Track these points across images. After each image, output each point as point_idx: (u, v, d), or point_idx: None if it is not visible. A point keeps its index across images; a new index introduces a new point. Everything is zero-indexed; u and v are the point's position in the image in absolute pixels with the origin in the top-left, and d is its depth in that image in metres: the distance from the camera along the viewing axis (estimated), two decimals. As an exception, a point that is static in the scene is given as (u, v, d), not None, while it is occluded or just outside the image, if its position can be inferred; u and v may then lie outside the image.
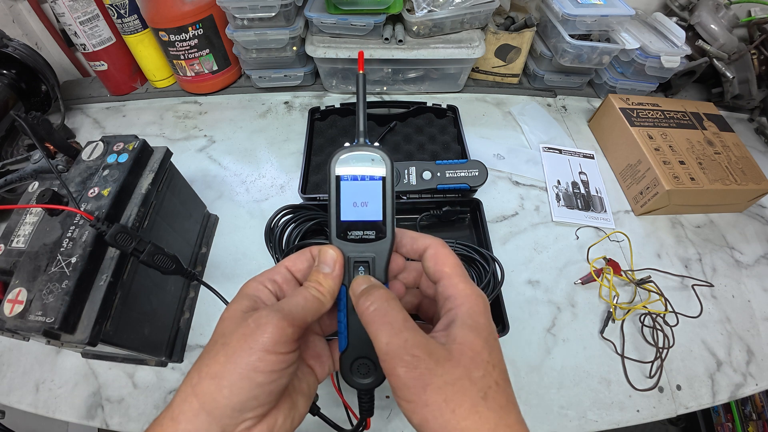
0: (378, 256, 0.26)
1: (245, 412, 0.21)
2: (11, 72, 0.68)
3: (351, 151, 0.26)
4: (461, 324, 0.22)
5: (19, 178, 0.45)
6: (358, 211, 0.26)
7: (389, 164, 0.26)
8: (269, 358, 0.21)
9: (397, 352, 0.21)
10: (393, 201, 0.26)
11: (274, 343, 0.21)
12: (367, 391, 0.27)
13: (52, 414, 0.46)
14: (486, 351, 0.21)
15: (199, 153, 0.72)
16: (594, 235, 0.63)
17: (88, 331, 0.35)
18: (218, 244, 0.60)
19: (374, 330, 0.22)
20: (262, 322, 0.21)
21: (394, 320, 0.22)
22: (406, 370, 0.20)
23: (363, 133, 0.27)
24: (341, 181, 0.26)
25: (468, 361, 0.21)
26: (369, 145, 0.27)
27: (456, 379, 0.20)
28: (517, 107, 0.82)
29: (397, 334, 0.21)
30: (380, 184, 0.26)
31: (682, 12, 0.82)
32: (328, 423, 0.35)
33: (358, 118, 0.28)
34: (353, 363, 0.26)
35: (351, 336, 0.26)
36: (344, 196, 0.26)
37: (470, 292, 0.23)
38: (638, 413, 0.48)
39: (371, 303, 0.23)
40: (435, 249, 0.26)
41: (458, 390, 0.20)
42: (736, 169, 0.65)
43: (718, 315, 0.57)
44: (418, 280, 0.29)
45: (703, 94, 0.90)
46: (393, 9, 0.69)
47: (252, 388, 0.20)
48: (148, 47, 0.76)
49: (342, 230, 0.26)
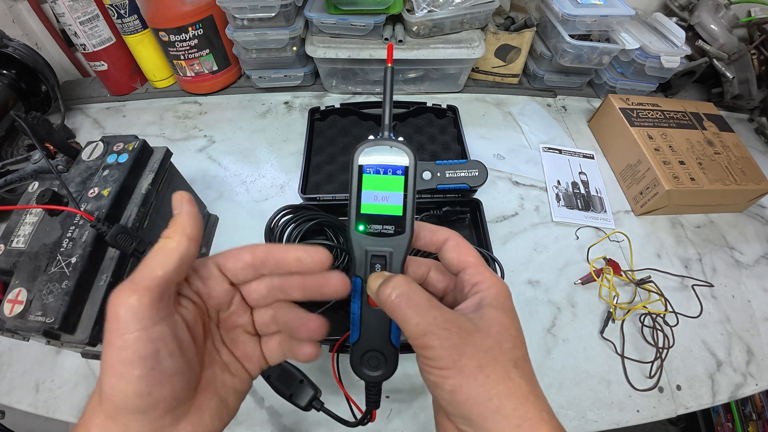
0: (396, 251, 0.26)
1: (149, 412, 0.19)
2: (11, 72, 0.68)
3: (376, 144, 0.26)
4: (488, 304, 0.23)
5: (19, 178, 0.45)
6: (379, 205, 0.26)
7: (413, 160, 0.26)
8: (128, 342, 0.18)
9: (429, 328, 0.21)
10: (414, 197, 0.26)
11: (126, 323, 0.18)
12: (375, 384, 0.27)
13: (51, 414, 0.46)
14: (513, 328, 0.22)
15: (199, 153, 0.72)
16: (594, 235, 0.63)
17: (87, 331, 0.35)
18: (218, 244, 0.60)
19: (401, 314, 0.22)
20: (112, 303, 0.19)
21: (419, 302, 0.22)
22: (441, 341, 0.21)
23: (388, 127, 0.27)
24: (364, 172, 0.26)
25: (497, 334, 0.22)
26: (394, 140, 0.26)
27: (488, 348, 0.21)
28: (517, 107, 0.82)
29: (425, 313, 0.21)
30: (403, 179, 0.26)
31: (682, 12, 0.82)
32: (333, 417, 0.35)
33: (384, 111, 0.27)
34: (364, 355, 0.26)
35: (363, 328, 0.26)
36: (366, 189, 0.26)
37: (497, 280, 0.24)
38: (638, 413, 0.48)
39: (392, 290, 0.23)
40: (456, 240, 0.26)
41: (490, 358, 0.21)
42: (736, 169, 0.65)
43: (718, 315, 0.57)
44: (425, 276, 0.29)
45: (703, 94, 0.90)
46: (393, 9, 0.69)
47: (136, 384, 0.18)
48: (148, 47, 0.76)
49: (361, 222, 0.26)
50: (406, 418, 0.46)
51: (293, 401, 0.35)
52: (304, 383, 0.35)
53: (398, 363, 0.26)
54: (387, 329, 0.26)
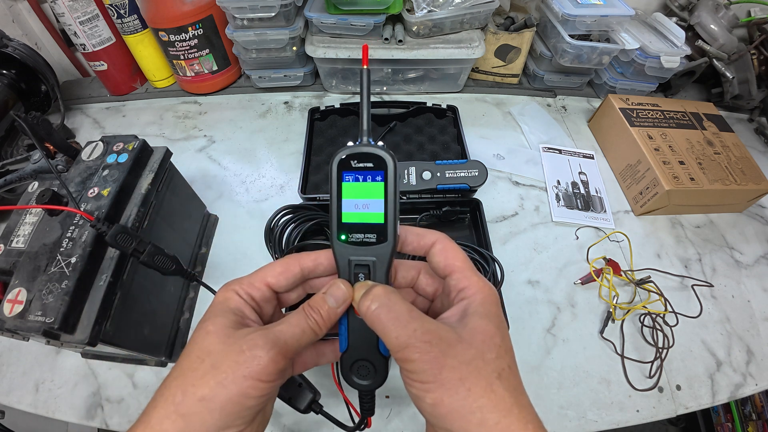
0: (379, 260, 0.25)
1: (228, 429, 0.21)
2: (11, 72, 0.68)
3: (354, 150, 0.25)
4: (474, 312, 0.22)
5: (19, 178, 0.45)
6: (360, 213, 0.25)
7: (393, 165, 0.25)
8: (260, 385, 0.21)
9: (409, 342, 0.21)
10: (396, 204, 0.25)
11: (268, 373, 0.21)
12: (368, 392, 0.27)
13: (51, 414, 0.46)
14: (498, 336, 0.22)
15: (199, 153, 0.72)
16: (594, 235, 0.63)
17: (87, 331, 0.35)
18: (218, 244, 0.60)
19: (381, 328, 0.22)
20: (257, 354, 0.21)
21: (398, 314, 0.22)
22: (420, 355, 0.20)
23: (367, 132, 0.26)
24: (343, 181, 0.25)
25: (480, 344, 0.21)
26: (373, 145, 0.25)
27: (470, 360, 0.20)
28: (516, 107, 0.82)
29: (405, 326, 0.21)
30: (383, 185, 0.25)
31: (682, 12, 0.82)
32: (331, 421, 0.35)
33: (362, 116, 0.26)
34: (353, 364, 0.26)
35: (351, 338, 0.26)
36: (345, 197, 0.25)
37: (483, 285, 0.24)
38: (638, 413, 0.48)
39: (371, 302, 0.23)
40: (443, 243, 0.26)
41: (473, 370, 0.20)
42: (736, 169, 0.65)
43: (717, 315, 0.57)
44: (415, 279, 0.29)
45: (703, 94, 0.90)
46: (393, 9, 0.69)
47: (240, 411, 0.21)
48: (148, 47, 0.76)
49: (343, 232, 0.25)
50: (406, 418, 0.46)
51: (292, 404, 0.35)
52: (302, 387, 0.35)
53: (388, 371, 0.26)
54: (375, 339, 0.25)
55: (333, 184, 0.26)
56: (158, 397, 0.22)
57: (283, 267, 0.26)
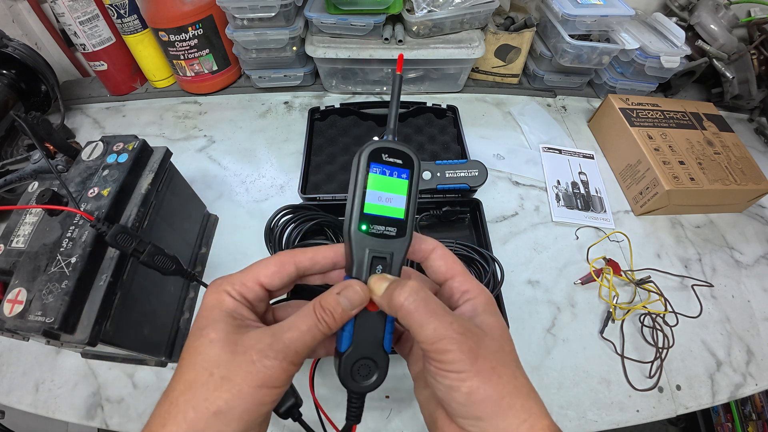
0: (396, 253, 0.25)
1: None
2: (11, 72, 0.68)
3: (387, 144, 0.26)
4: (483, 310, 0.25)
5: (19, 178, 0.45)
6: (383, 206, 0.25)
7: (417, 164, 0.26)
8: (274, 391, 0.22)
9: (446, 333, 0.22)
10: (415, 203, 0.26)
11: (280, 380, 0.22)
12: (359, 396, 0.26)
13: (51, 414, 0.46)
14: (507, 332, 0.24)
15: (199, 153, 0.72)
16: (594, 235, 0.63)
17: (87, 331, 0.35)
18: (218, 244, 0.60)
19: (418, 319, 0.22)
20: (268, 363, 0.21)
21: (435, 307, 0.23)
22: (458, 345, 0.22)
23: (393, 131, 0.28)
24: (371, 171, 0.25)
25: (499, 337, 0.23)
26: (402, 143, 0.26)
27: (496, 351, 0.23)
28: (516, 107, 0.82)
29: (442, 318, 0.22)
30: (407, 183, 0.26)
31: (682, 12, 0.82)
32: (307, 431, 0.33)
33: (391, 116, 0.28)
34: (354, 364, 0.24)
35: (357, 335, 0.25)
36: (371, 188, 0.25)
37: (483, 288, 0.26)
38: (638, 413, 0.48)
39: (409, 294, 0.23)
40: (443, 250, 0.27)
41: (500, 359, 0.22)
42: (736, 169, 0.65)
43: (717, 315, 0.57)
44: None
45: (703, 94, 0.90)
46: (393, 9, 0.69)
47: (257, 418, 0.22)
48: (148, 47, 0.76)
49: (364, 222, 0.25)
50: (406, 418, 0.46)
51: None
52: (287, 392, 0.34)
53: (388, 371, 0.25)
54: (380, 336, 0.25)
55: (359, 174, 0.25)
56: (165, 414, 0.21)
57: (277, 266, 0.25)
